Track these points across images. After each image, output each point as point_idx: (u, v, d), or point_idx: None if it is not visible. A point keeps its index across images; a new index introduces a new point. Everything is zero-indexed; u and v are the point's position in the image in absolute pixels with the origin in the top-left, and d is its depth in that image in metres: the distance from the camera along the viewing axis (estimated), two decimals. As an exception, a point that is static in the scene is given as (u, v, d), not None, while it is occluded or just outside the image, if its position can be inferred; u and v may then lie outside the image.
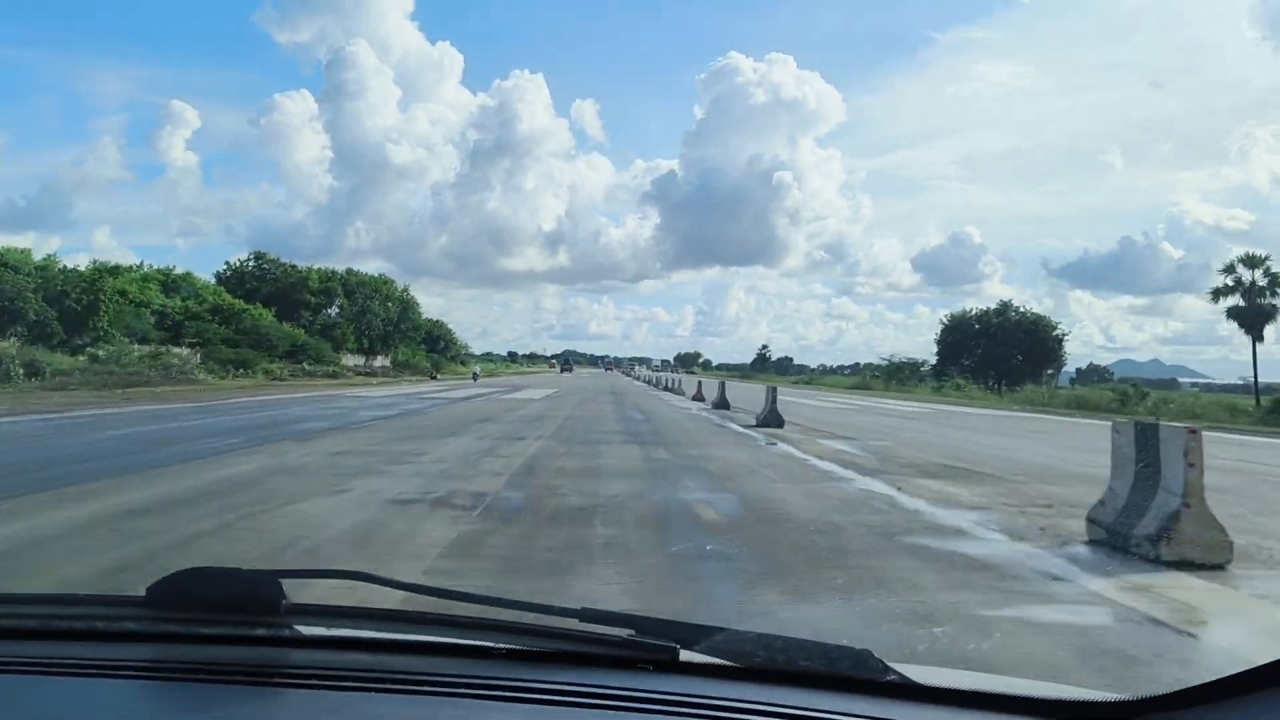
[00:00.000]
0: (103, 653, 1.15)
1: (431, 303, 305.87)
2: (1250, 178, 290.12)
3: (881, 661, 1.08)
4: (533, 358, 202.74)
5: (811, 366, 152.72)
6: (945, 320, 68.03)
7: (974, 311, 64.35)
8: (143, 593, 1.14)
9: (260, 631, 1.14)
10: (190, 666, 1.11)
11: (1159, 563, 5.40)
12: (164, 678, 1.11)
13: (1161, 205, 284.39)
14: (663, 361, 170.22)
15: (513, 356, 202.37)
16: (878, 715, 1.00)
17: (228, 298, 59.23)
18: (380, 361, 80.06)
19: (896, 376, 62.86)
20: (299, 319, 66.58)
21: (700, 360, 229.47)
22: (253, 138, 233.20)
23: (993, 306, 63.00)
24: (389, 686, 1.05)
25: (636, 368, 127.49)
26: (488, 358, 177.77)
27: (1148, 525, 5.65)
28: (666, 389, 44.96)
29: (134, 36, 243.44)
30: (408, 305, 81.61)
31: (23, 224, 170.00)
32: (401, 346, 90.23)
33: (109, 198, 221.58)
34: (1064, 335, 60.98)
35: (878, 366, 70.79)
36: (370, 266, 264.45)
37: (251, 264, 68.48)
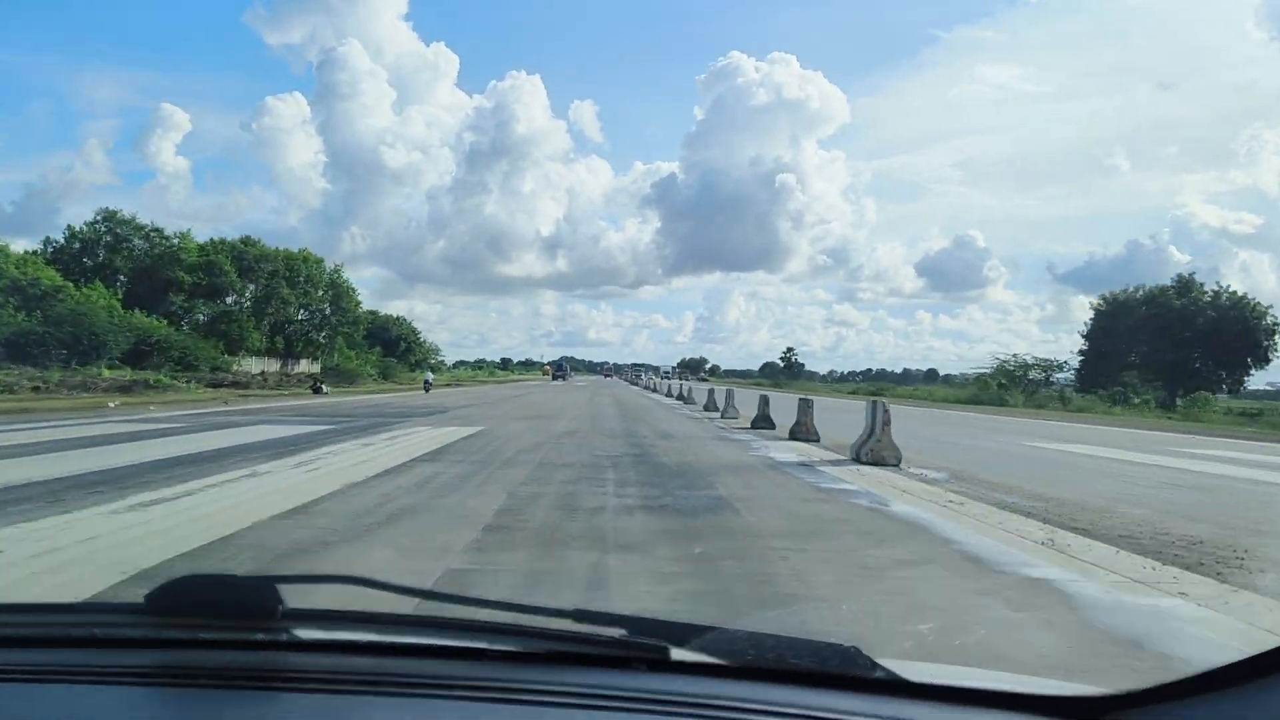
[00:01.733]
0: (101, 659, 1.16)
1: (430, 310, 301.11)
2: (1257, 180, 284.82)
3: (870, 658, 1.10)
4: (528, 364, 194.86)
5: (821, 373, 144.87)
6: (1099, 304, 50.21)
7: (1141, 291, 46.90)
8: (141, 599, 1.14)
9: (258, 636, 1.16)
10: (188, 672, 1.12)
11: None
12: (162, 684, 1.12)
13: (1167, 209, 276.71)
14: (674, 369, 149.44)
15: (505, 363, 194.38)
16: (867, 711, 1.02)
17: (48, 273, 40.63)
18: (306, 365, 61.36)
19: (1021, 383, 44.71)
20: (167, 305, 47.73)
21: (707, 366, 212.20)
22: (244, 141, 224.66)
23: (1169, 283, 46.07)
24: (386, 689, 1.07)
25: (645, 375, 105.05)
26: (479, 365, 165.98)
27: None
28: (679, 398, 35.22)
29: (121, 39, 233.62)
30: (339, 292, 63.29)
31: (10, 230, 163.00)
32: (345, 349, 71.53)
33: (98, 202, 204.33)
34: (1277, 325, 43.46)
35: (990, 372, 52.22)
36: (366, 274, 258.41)
37: (103, 229, 50.19)
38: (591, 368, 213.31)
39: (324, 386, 40.08)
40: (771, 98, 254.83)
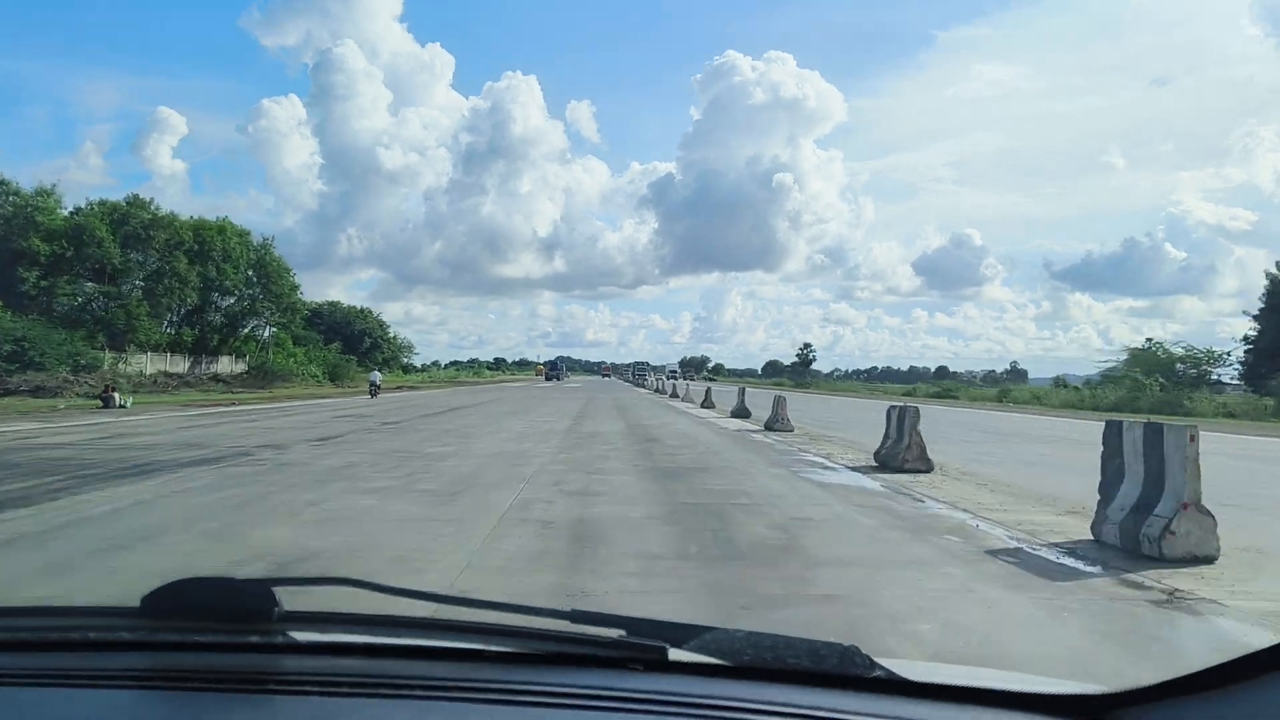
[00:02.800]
0: (97, 663, 1.15)
1: (428, 311, 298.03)
2: (1253, 177, 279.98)
3: (868, 657, 1.10)
4: (523, 364, 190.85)
5: (824, 372, 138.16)
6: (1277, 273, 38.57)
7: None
8: (137, 603, 1.14)
9: (254, 639, 1.15)
10: (184, 675, 1.12)
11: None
12: (158, 687, 1.12)
13: (1163, 205, 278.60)
14: (679, 368, 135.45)
15: (498, 363, 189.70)
16: (865, 711, 1.01)
17: None
18: (229, 364, 49.53)
19: (1175, 377, 33.22)
20: (15, 285, 35.86)
21: (710, 365, 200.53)
22: (241, 144, 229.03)
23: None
24: (382, 691, 1.07)
25: (650, 375, 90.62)
26: (471, 364, 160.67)
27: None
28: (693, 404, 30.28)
29: (118, 44, 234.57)
30: (270, 273, 51.57)
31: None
32: (291, 344, 59.60)
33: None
34: None
35: (1120, 367, 40.28)
36: (364, 276, 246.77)
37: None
38: (589, 367, 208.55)
39: (117, 395, 27.55)
40: (768, 97, 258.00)
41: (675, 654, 1.10)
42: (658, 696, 1.02)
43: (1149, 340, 40.76)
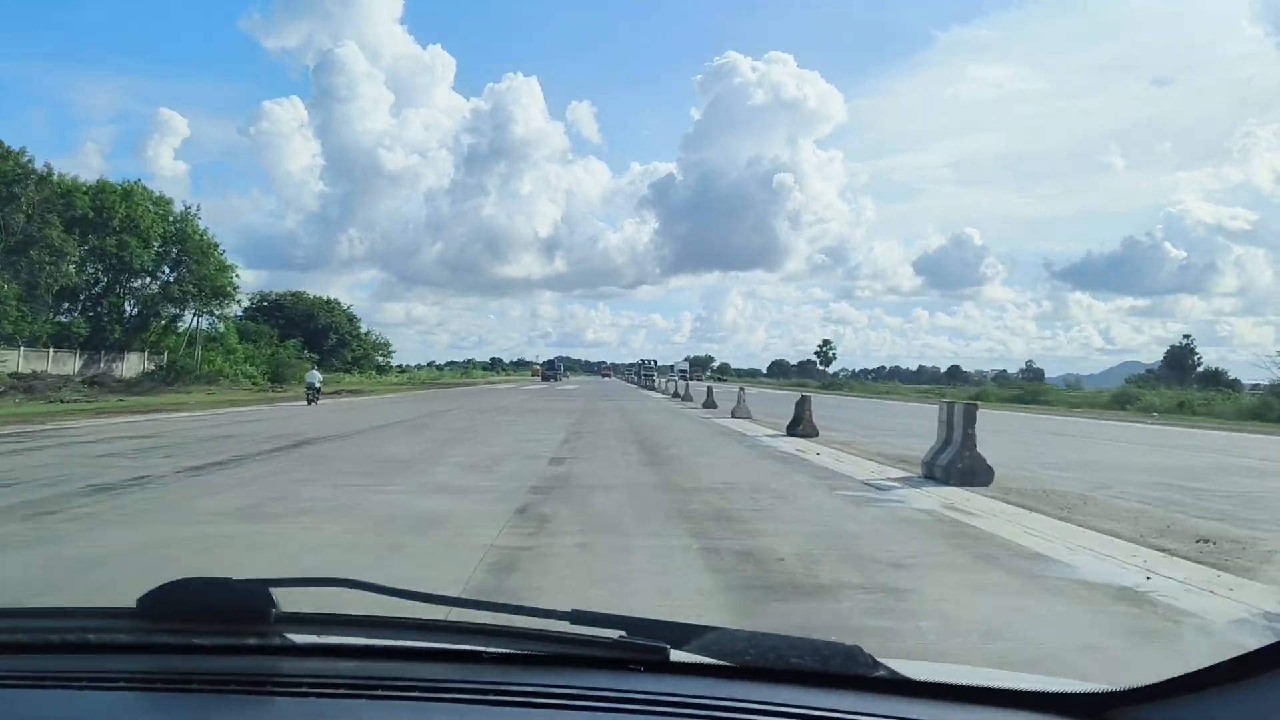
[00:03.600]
0: (94, 665, 1.14)
1: (429, 311, 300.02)
2: (1252, 176, 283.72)
3: (871, 657, 1.08)
4: (520, 364, 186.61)
5: (831, 371, 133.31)
6: None
7: None
8: (133, 604, 1.12)
9: (251, 641, 1.14)
10: (182, 677, 1.10)
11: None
12: (156, 689, 1.10)
13: (1162, 205, 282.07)
14: (687, 367, 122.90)
15: (494, 363, 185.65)
16: (868, 711, 0.99)
17: None
18: (137, 363, 39.96)
19: None
20: None
21: (714, 365, 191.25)
22: (242, 145, 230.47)
23: None
24: (380, 693, 1.06)
25: (658, 378, 76.71)
26: (466, 364, 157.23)
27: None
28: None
29: (118, 46, 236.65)
30: (190, 250, 41.93)
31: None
32: (232, 337, 50.38)
33: None
34: None
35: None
36: (365, 276, 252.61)
37: None
38: (589, 367, 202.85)
39: None
40: (768, 98, 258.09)
41: (676, 654, 1.09)
42: (659, 697, 1.01)
43: None
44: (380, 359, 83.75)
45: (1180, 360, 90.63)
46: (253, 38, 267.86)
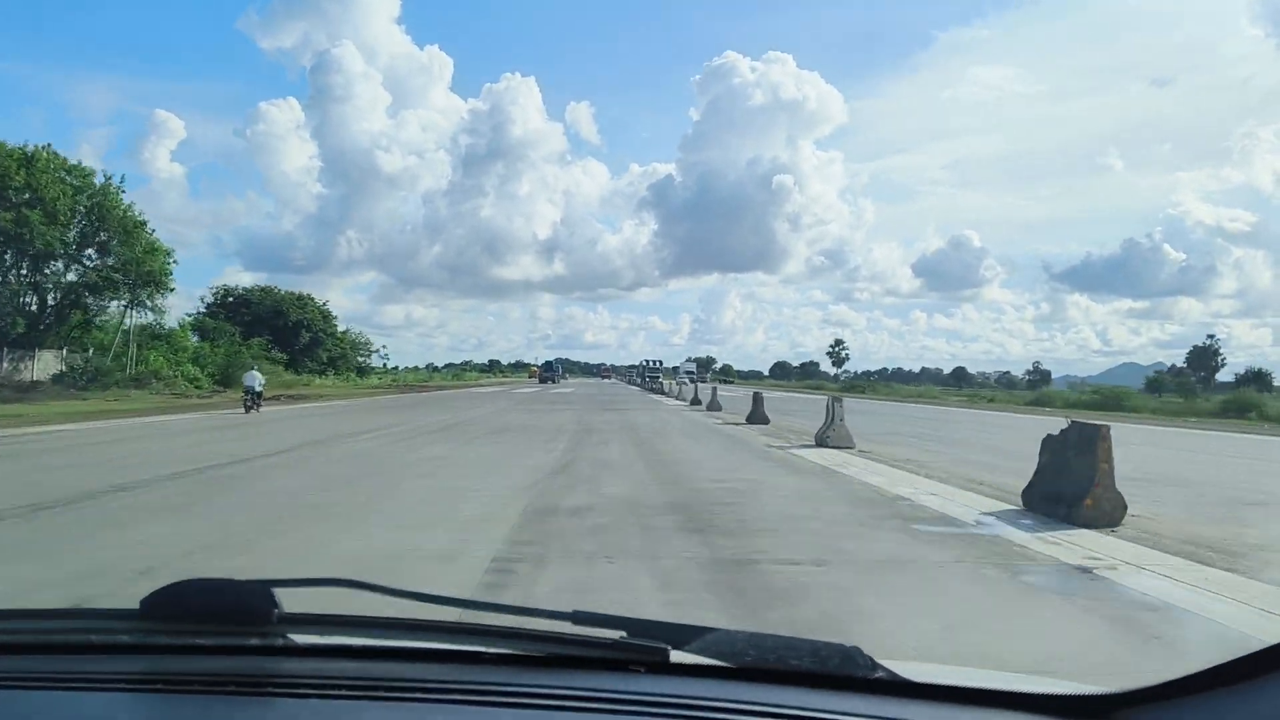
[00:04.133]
0: (97, 666, 1.14)
1: (427, 314, 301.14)
2: (1251, 178, 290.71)
3: (870, 658, 1.08)
4: (519, 366, 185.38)
5: (831, 373, 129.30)
6: None
7: None
8: (136, 605, 1.13)
9: (253, 641, 1.15)
10: (184, 678, 1.11)
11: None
12: (158, 690, 1.11)
13: (1161, 207, 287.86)
14: (694, 368, 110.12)
15: (492, 365, 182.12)
16: (867, 712, 1.00)
17: None
18: (51, 362, 33.11)
19: None
20: None
21: (717, 366, 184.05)
22: (239, 147, 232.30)
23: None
24: (382, 694, 1.06)
25: (669, 384, 62.37)
26: (461, 368, 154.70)
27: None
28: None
29: (113, 47, 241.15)
30: (112, 228, 35.02)
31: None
32: (182, 335, 44.10)
33: None
34: None
35: None
36: (364, 279, 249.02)
37: None
38: (588, 369, 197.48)
39: None
40: (767, 98, 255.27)
41: (677, 655, 1.09)
42: (659, 698, 1.02)
43: None
44: (360, 359, 76.80)
45: (1204, 361, 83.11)
46: (249, 38, 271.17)
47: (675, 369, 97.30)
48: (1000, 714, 1.02)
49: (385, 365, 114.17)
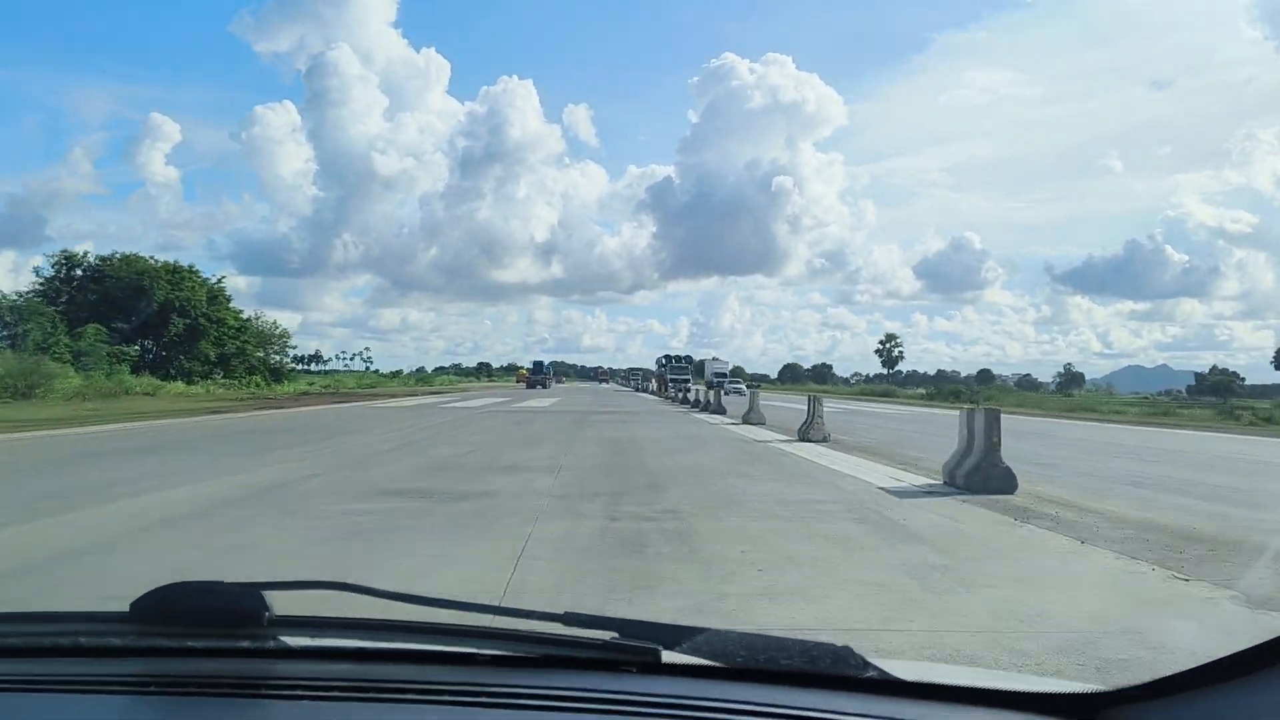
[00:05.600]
0: (88, 669, 1.14)
1: (424, 317, 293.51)
2: (1252, 179, 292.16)
3: (862, 658, 1.08)
4: (510, 368, 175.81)
5: (843, 376, 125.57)
6: None
7: None
8: (126, 608, 1.12)
9: (244, 644, 1.14)
10: (175, 681, 1.10)
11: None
12: (149, 692, 1.10)
13: (1162, 209, 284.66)
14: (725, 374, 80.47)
15: (482, 368, 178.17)
16: (859, 711, 1.00)
17: None
18: None
19: None
20: None
21: (728, 369, 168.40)
22: (234, 150, 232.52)
23: None
24: (374, 695, 1.06)
25: (695, 387, 47.87)
26: (456, 370, 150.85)
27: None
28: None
29: (108, 51, 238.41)
30: None
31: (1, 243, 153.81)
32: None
33: (86, 213, 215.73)
34: None
35: None
36: (360, 281, 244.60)
37: None
38: (583, 373, 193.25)
39: None
40: (766, 100, 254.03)
41: (668, 656, 1.09)
42: (651, 699, 1.01)
43: None
44: (275, 357, 58.74)
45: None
46: (244, 42, 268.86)
47: (706, 368, 73.88)
48: (991, 713, 1.03)
49: (369, 368, 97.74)
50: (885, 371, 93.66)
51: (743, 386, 57.95)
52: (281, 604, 1.12)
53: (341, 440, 15.83)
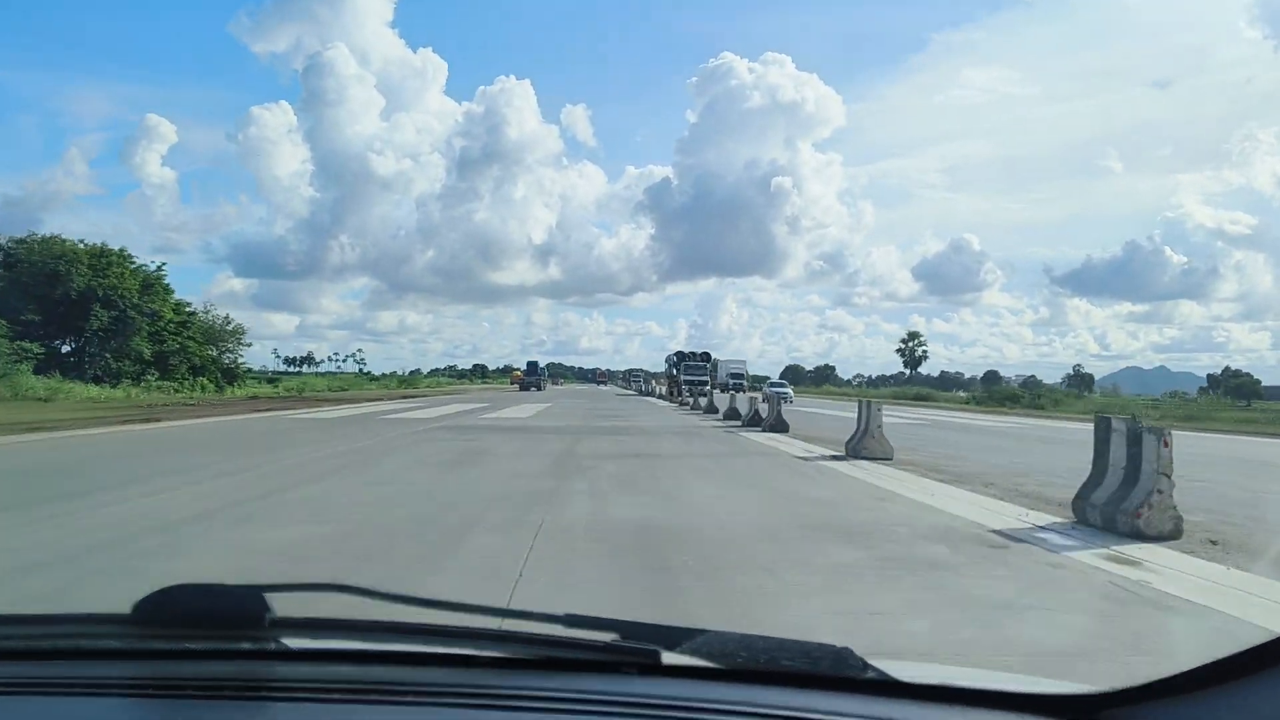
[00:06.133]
0: (88, 671, 1.13)
1: (421, 320, 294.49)
2: (1251, 180, 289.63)
3: (862, 659, 1.08)
4: (506, 370, 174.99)
5: (846, 377, 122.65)
6: None
7: None
8: (127, 610, 1.11)
9: (245, 646, 1.13)
10: (176, 683, 1.10)
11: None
12: (150, 695, 1.09)
13: (1161, 209, 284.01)
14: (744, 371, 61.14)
15: (477, 369, 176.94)
16: (859, 713, 1.00)
17: None
18: None
19: None
20: None
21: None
22: (231, 151, 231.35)
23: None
24: (374, 698, 1.05)
25: (737, 391, 35.72)
26: (450, 373, 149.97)
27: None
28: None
29: (105, 52, 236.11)
30: None
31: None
32: None
33: (82, 214, 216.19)
34: None
35: None
36: (357, 284, 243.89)
37: None
38: (582, 375, 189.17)
39: None
40: (765, 100, 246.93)
41: (669, 657, 1.08)
42: (651, 700, 1.01)
43: None
44: (227, 356, 51.34)
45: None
46: (241, 42, 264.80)
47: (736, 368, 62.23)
48: (991, 714, 1.02)
49: (361, 370, 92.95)
50: (906, 372, 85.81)
51: (789, 391, 48.53)
52: (282, 606, 1.10)
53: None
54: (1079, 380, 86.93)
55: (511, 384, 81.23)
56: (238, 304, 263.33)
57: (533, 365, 78.36)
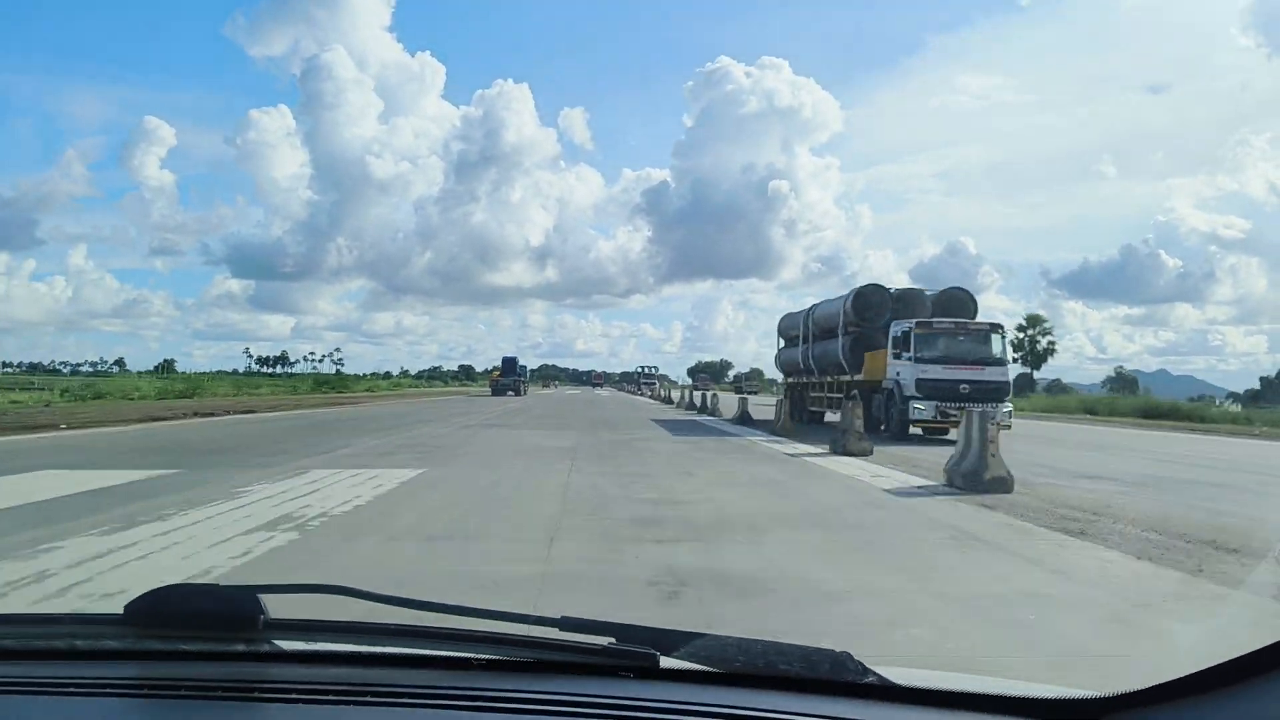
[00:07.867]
0: (82, 671, 1.12)
1: (418, 322, 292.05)
2: (1245, 185, 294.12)
3: (861, 664, 1.07)
4: (488, 373, 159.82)
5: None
6: None
7: None
8: (120, 611, 1.11)
9: (239, 647, 1.12)
10: (170, 684, 1.09)
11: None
12: (144, 696, 1.08)
13: (1155, 214, 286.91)
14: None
15: (464, 371, 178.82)
16: (858, 717, 0.99)
17: None
18: None
19: None
20: None
21: (746, 373, 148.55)
22: (229, 154, 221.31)
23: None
24: (368, 700, 1.04)
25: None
26: (434, 374, 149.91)
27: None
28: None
29: (103, 56, 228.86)
30: None
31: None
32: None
33: (80, 216, 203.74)
34: None
35: None
36: (354, 285, 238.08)
37: None
38: (577, 377, 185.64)
39: None
40: (762, 104, 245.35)
41: (666, 661, 1.07)
42: (648, 704, 1.00)
43: None
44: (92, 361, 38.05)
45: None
46: (238, 46, 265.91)
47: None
48: (990, 719, 1.01)
49: (339, 371, 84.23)
50: (1027, 371, 64.55)
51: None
52: (277, 607, 1.10)
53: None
54: (1122, 383, 73.03)
55: (489, 385, 67.23)
56: (235, 305, 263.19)
57: (510, 362, 61.84)
